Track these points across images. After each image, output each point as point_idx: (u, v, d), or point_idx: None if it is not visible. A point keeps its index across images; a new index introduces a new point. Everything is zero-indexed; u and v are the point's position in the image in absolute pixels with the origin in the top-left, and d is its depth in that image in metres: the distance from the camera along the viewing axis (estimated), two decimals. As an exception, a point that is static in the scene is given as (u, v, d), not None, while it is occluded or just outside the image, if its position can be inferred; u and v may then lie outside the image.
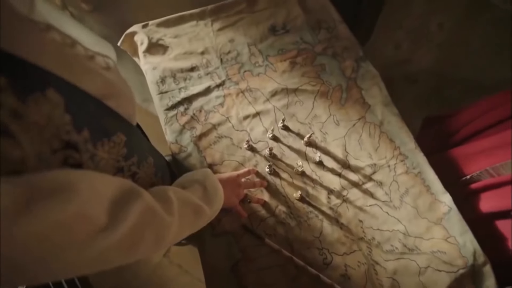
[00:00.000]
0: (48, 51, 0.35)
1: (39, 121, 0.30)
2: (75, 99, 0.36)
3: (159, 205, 0.43)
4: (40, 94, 0.30)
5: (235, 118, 0.84)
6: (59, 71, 0.35)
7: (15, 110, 0.28)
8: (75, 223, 0.31)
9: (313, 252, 0.73)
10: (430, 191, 0.81)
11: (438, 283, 0.72)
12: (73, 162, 0.35)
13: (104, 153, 0.42)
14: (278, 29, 0.95)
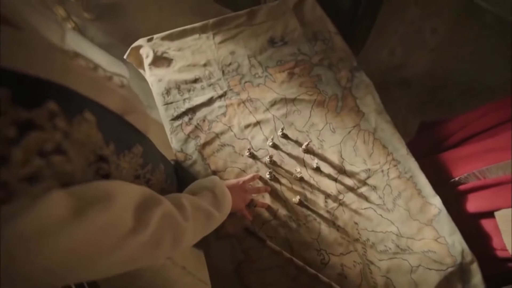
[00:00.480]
0: (79, 77, 0.39)
1: (81, 139, 0.35)
2: (103, 117, 0.41)
3: (177, 212, 0.48)
4: (81, 116, 0.35)
5: (236, 127, 0.89)
6: (89, 94, 0.40)
7: (66, 131, 0.33)
8: (110, 228, 0.36)
9: (312, 253, 0.78)
10: (421, 194, 0.86)
11: (429, 281, 0.77)
12: (103, 173, 0.40)
13: (126, 163, 0.47)
14: (277, 41, 1.00)
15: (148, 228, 0.41)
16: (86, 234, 0.33)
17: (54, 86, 0.33)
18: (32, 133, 0.29)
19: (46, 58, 0.34)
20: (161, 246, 0.45)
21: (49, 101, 0.31)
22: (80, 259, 0.33)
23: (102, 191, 0.36)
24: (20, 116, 0.28)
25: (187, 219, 0.51)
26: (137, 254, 0.41)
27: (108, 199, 0.36)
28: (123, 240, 0.38)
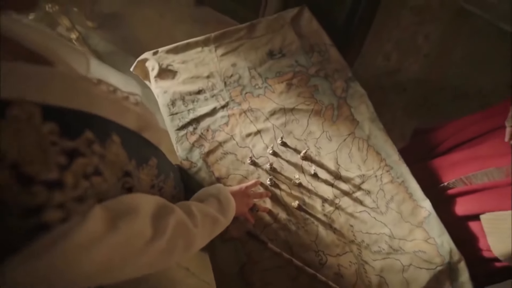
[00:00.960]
0: (105, 103, 0.45)
1: (112, 159, 0.40)
2: (126, 137, 0.46)
3: (187, 219, 0.54)
4: (110, 139, 0.41)
5: (238, 136, 0.94)
6: (114, 117, 0.45)
7: (101, 154, 0.38)
8: (135, 237, 0.41)
9: (310, 254, 0.83)
10: (412, 198, 0.91)
11: (419, 279, 0.83)
12: (128, 186, 0.45)
13: (144, 175, 0.52)
14: (275, 54, 1.05)
15: (165, 236, 0.46)
16: (118, 243, 0.38)
17: (88, 116, 0.38)
18: (78, 159, 0.34)
19: (79, 91, 0.39)
20: (175, 251, 0.51)
21: (86, 130, 0.36)
22: (112, 265, 0.39)
23: (128, 204, 0.41)
24: (67, 146, 0.33)
25: (197, 226, 0.57)
26: (155, 259, 0.46)
27: (133, 211, 0.41)
28: (145, 247, 0.43)
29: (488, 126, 0.93)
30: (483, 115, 0.98)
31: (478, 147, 0.92)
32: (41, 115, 0.31)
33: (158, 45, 1.79)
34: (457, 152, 0.99)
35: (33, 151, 0.30)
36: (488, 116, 0.95)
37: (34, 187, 0.29)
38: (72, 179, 0.33)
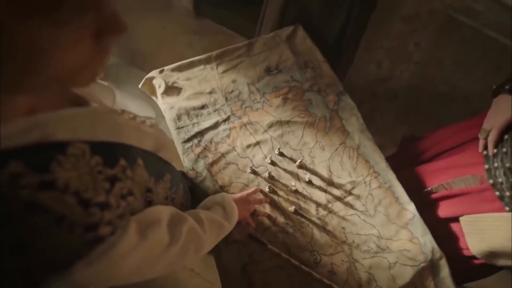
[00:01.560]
0: (129, 131, 0.54)
1: (139, 180, 0.49)
2: (147, 159, 0.55)
3: (198, 226, 0.63)
4: (136, 163, 0.50)
5: (239, 147, 1.03)
6: (137, 143, 0.54)
7: (132, 177, 0.47)
8: (158, 243, 0.50)
9: (306, 254, 0.92)
10: (398, 202, 1.00)
11: (404, 275, 0.92)
12: (149, 200, 0.54)
13: (161, 189, 0.61)
14: (272, 70, 1.14)
15: (179, 242, 0.55)
16: (146, 250, 0.47)
17: (120, 146, 0.47)
18: (117, 184, 0.43)
19: (111, 124, 0.48)
20: (188, 254, 0.59)
21: (121, 159, 0.45)
22: (142, 267, 0.47)
23: (152, 216, 0.50)
24: (109, 173, 0.42)
25: (205, 232, 0.66)
26: (171, 262, 0.55)
27: (156, 222, 0.50)
28: (164, 252, 0.52)
29: (466, 137, 1.02)
30: (463, 126, 1.07)
31: (457, 156, 1.01)
32: (90, 150, 0.40)
33: (161, 57, 1.90)
34: (439, 160, 1.08)
35: (87, 180, 0.39)
36: (467, 128, 1.04)
37: (91, 208, 0.38)
38: (115, 200, 0.42)
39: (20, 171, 0.33)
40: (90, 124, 0.43)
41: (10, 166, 0.32)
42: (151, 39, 2.09)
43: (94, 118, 0.45)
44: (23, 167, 0.33)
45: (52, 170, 0.35)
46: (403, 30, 2.18)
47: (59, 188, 0.35)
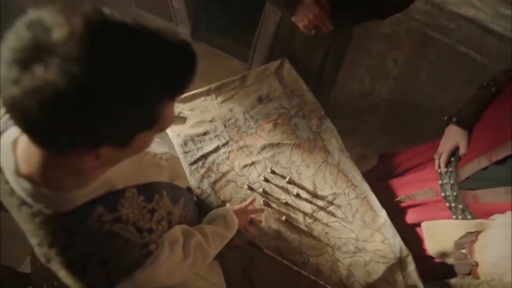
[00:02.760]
0: (154, 169, 0.72)
1: (165, 208, 0.68)
2: (167, 189, 0.73)
3: (203, 240, 0.81)
4: (163, 195, 0.68)
5: (237, 167, 1.22)
6: (159, 178, 0.73)
7: (162, 207, 0.65)
8: (177, 256, 0.68)
9: (296, 256, 1.11)
10: (372, 209, 1.19)
11: (378, 271, 1.11)
12: (169, 220, 0.72)
13: (177, 210, 0.79)
14: (264, 99, 1.33)
15: (190, 256, 0.73)
16: (173, 261, 0.65)
17: (153, 184, 0.66)
18: (155, 214, 0.62)
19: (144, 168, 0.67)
20: (197, 263, 0.77)
21: (155, 194, 0.64)
22: (170, 274, 0.65)
23: (174, 234, 0.68)
24: (149, 207, 0.61)
25: (210, 244, 0.84)
26: (185, 271, 0.73)
27: (177, 240, 0.68)
28: (180, 264, 0.69)
29: (427, 157, 1.21)
30: (426, 147, 1.26)
31: (420, 172, 1.20)
32: (137, 192, 0.59)
33: None
34: (407, 175, 1.27)
35: (138, 213, 0.57)
36: (428, 150, 1.22)
37: (143, 233, 0.57)
38: (155, 225, 0.60)
39: (102, 212, 0.52)
40: (134, 172, 0.62)
41: (96, 209, 0.51)
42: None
43: (134, 165, 0.64)
44: (103, 209, 0.52)
45: (119, 210, 0.54)
46: (382, 48, 2.40)
47: (124, 221, 0.54)
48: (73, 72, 0.36)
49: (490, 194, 0.91)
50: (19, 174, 0.49)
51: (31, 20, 0.37)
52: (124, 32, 0.40)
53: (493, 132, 0.94)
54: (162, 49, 0.43)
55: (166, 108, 0.48)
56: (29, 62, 0.36)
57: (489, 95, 1.03)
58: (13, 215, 0.55)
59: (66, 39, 0.36)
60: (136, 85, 0.40)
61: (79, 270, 0.52)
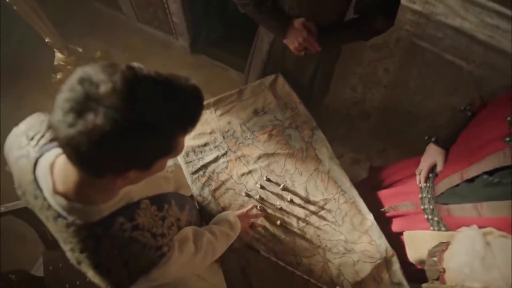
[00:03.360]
0: (163, 182, 0.82)
1: (173, 215, 0.78)
2: (175, 198, 0.84)
3: (213, 238, 0.91)
4: (171, 204, 0.78)
5: (235, 176, 1.32)
6: (167, 189, 0.83)
7: (171, 214, 0.75)
8: (188, 252, 0.78)
9: (290, 257, 1.21)
10: (360, 213, 1.30)
11: (365, 270, 1.21)
12: (178, 225, 0.82)
13: (183, 216, 0.89)
14: (259, 112, 1.44)
15: (202, 250, 0.84)
16: (184, 258, 0.75)
17: (163, 195, 0.76)
18: (166, 221, 0.72)
19: (155, 181, 0.77)
20: (207, 258, 0.88)
21: (165, 204, 0.74)
22: (181, 269, 0.76)
23: (184, 235, 0.79)
24: (160, 215, 0.71)
25: (218, 240, 0.94)
26: (197, 265, 0.84)
27: (187, 239, 0.79)
28: (192, 259, 0.80)
29: (410, 172, 1.29)
30: (410, 163, 1.34)
31: (403, 186, 1.30)
32: (149, 203, 0.69)
33: None
34: (392, 188, 1.37)
35: (151, 221, 0.68)
36: (411, 165, 1.30)
37: (157, 238, 0.67)
38: (166, 231, 0.71)
39: (123, 221, 0.62)
40: (146, 185, 0.72)
41: (118, 219, 0.62)
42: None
43: (147, 180, 0.74)
44: (123, 219, 0.62)
45: (136, 219, 0.64)
46: (374, 57, 2.51)
47: (141, 228, 0.64)
48: (115, 118, 0.47)
49: (460, 209, 0.99)
50: (56, 192, 0.59)
51: (82, 77, 0.48)
52: (150, 83, 0.52)
53: (466, 152, 1.03)
54: (178, 95, 0.55)
55: (180, 139, 0.60)
56: (83, 111, 0.47)
57: (465, 118, 1.12)
58: (48, 226, 0.65)
59: (110, 93, 0.47)
60: (160, 124, 0.52)
61: (105, 271, 0.62)
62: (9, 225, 1.90)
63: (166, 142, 0.56)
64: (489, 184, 0.91)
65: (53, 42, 1.71)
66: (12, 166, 0.68)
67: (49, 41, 1.71)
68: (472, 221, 0.92)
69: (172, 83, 0.54)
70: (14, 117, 2.18)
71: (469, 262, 0.77)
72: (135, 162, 0.54)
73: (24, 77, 2.33)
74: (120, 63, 0.91)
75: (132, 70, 0.50)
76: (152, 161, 0.57)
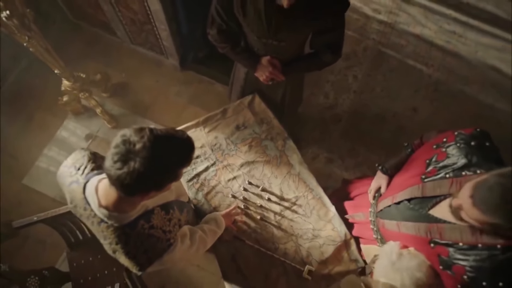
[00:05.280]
0: (167, 192, 1.13)
1: (176, 217, 1.08)
2: (177, 204, 1.14)
3: (203, 234, 1.22)
4: (175, 209, 1.09)
5: (223, 181, 1.63)
6: (170, 198, 1.13)
7: (175, 217, 1.06)
8: (186, 245, 1.09)
9: (269, 244, 1.53)
10: (325, 206, 1.61)
11: (329, 251, 1.53)
12: (179, 224, 1.11)
13: (183, 218, 1.19)
14: (240, 127, 1.74)
15: (195, 244, 1.14)
16: (184, 248, 1.06)
17: (169, 203, 1.06)
18: (171, 221, 1.02)
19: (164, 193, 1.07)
20: (199, 250, 1.19)
21: (170, 210, 1.04)
22: (183, 256, 1.06)
23: (183, 231, 1.09)
24: (167, 217, 1.01)
25: (207, 236, 1.25)
26: (192, 254, 1.14)
27: (186, 234, 1.09)
28: (188, 249, 1.10)
29: (367, 189, 1.55)
30: (369, 181, 1.57)
31: (360, 200, 1.59)
32: (160, 209, 1.00)
33: (157, 105, 2.51)
34: (354, 200, 1.66)
35: (162, 222, 0.98)
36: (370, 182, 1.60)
37: (167, 233, 0.97)
38: (172, 228, 1.01)
39: (143, 223, 0.93)
40: (157, 197, 1.02)
41: (140, 222, 0.92)
42: (148, 91, 2.65)
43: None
44: (143, 221, 0.93)
45: (152, 221, 0.95)
46: (343, 66, 2.82)
47: (155, 227, 0.95)
48: (146, 164, 0.77)
49: (389, 224, 1.24)
50: (100, 205, 0.89)
51: (124, 139, 0.78)
52: (163, 138, 0.82)
53: (400, 181, 1.31)
54: (180, 144, 0.86)
55: (182, 171, 0.91)
56: (126, 160, 0.77)
57: (406, 153, 1.35)
58: (92, 229, 0.95)
59: (142, 148, 0.77)
60: (170, 164, 0.84)
61: (132, 256, 0.93)
62: (32, 232, 2.21)
63: (174, 174, 0.88)
64: (407, 209, 1.15)
65: (61, 73, 1.98)
66: (65, 188, 0.99)
67: (58, 72, 1.98)
68: (394, 234, 1.22)
69: (175, 136, 0.85)
70: (25, 135, 2.50)
71: (385, 265, 1.09)
72: (156, 188, 0.86)
73: (33, 99, 2.59)
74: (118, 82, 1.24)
75: (152, 132, 0.80)
76: (165, 186, 0.88)
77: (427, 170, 1.12)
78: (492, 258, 0.93)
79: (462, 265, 0.97)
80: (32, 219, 1.54)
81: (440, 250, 1.03)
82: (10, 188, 2.37)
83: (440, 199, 1.05)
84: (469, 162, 1.02)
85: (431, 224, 1.05)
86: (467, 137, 1.07)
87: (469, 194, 0.86)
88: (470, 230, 0.96)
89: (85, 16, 2.55)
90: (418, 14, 3.02)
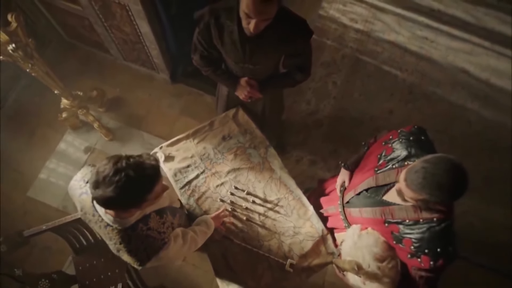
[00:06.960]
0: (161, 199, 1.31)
1: (169, 221, 1.26)
2: (169, 210, 1.32)
3: (194, 235, 1.40)
4: (168, 213, 1.27)
5: (212, 187, 1.81)
6: (163, 205, 1.32)
7: (168, 220, 1.25)
8: (180, 244, 1.27)
9: (255, 242, 1.71)
10: (304, 206, 1.80)
11: (308, 245, 1.71)
12: (173, 227, 1.30)
13: (176, 221, 1.37)
14: (226, 137, 1.92)
15: (187, 244, 1.33)
16: (177, 247, 1.24)
17: (162, 209, 1.25)
18: (165, 224, 1.21)
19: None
20: (191, 248, 1.37)
21: (164, 215, 1.23)
22: (176, 254, 1.25)
23: (176, 233, 1.28)
24: (161, 220, 1.20)
25: (198, 237, 1.44)
26: (184, 253, 1.33)
27: (178, 235, 1.28)
28: (181, 248, 1.29)
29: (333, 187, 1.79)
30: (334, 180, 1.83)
31: (331, 195, 1.80)
32: (155, 214, 1.18)
33: (151, 117, 2.70)
34: (327, 195, 1.86)
35: (157, 224, 1.17)
36: None
37: (161, 234, 1.16)
38: (166, 230, 1.19)
39: (142, 226, 1.12)
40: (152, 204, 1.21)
41: (139, 225, 1.11)
42: (142, 104, 2.83)
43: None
44: (142, 225, 1.12)
45: (149, 224, 1.14)
46: (324, 73, 3.02)
47: (152, 229, 1.14)
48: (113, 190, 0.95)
49: (353, 212, 1.45)
50: (106, 212, 1.08)
51: (97, 171, 0.97)
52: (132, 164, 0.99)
53: (359, 175, 1.51)
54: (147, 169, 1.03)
55: (158, 185, 1.08)
56: (98, 186, 0.96)
57: (363, 150, 1.58)
58: (99, 232, 1.14)
59: (108, 176, 0.95)
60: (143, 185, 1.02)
61: (134, 253, 1.11)
62: (38, 240, 2.38)
63: (151, 191, 1.05)
64: (366, 197, 1.36)
65: (61, 93, 2.16)
66: (75, 199, 1.18)
67: (57, 92, 2.16)
68: (358, 219, 1.43)
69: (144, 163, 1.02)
70: (28, 150, 2.67)
71: (349, 245, 1.29)
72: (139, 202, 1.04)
73: (33, 116, 2.75)
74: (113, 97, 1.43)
75: (121, 159, 0.99)
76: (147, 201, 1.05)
77: (379, 163, 1.34)
78: (430, 229, 1.15)
79: (409, 237, 1.19)
80: (41, 228, 1.71)
81: (392, 228, 1.25)
82: (16, 200, 2.54)
83: (390, 187, 1.27)
84: (409, 154, 1.24)
85: (385, 207, 1.27)
86: (407, 134, 1.29)
87: (404, 178, 1.08)
88: (413, 208, 1.18)
89: (79, 36, 2.72)
90: (392, 22, 3.22)
